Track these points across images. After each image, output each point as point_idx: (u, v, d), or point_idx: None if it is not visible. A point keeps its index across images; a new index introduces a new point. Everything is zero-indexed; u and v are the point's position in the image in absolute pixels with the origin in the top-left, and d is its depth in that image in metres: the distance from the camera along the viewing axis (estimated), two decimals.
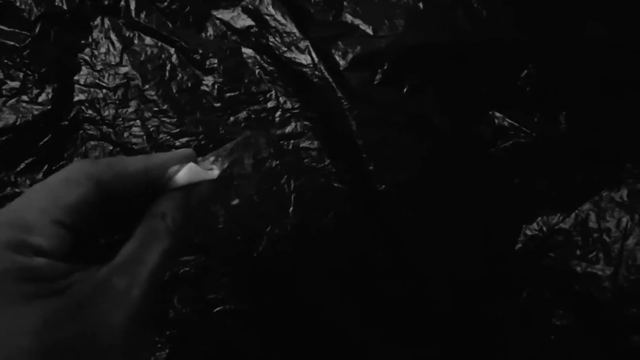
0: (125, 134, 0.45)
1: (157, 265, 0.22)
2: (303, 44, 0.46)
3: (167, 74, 0.46)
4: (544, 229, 0.42)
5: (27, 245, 0.19)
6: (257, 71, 0.46)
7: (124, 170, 0.23)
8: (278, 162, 0.44)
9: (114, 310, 0.20)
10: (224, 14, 0.48)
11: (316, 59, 0.45)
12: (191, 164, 0.25)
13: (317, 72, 0.45)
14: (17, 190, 0.44)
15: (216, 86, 0.46)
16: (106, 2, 0.49)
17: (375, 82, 0.45)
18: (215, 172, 0.26)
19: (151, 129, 0.45)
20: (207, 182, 0.26)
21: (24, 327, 0.17)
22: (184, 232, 0.24)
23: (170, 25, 0.48)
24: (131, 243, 0.22)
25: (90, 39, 0.48)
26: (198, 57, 0.47)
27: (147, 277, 0.21)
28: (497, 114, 0.44)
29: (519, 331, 0.41)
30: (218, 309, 0.42)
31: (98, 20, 0.48)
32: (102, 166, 0.22)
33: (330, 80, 0.44)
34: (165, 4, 0.49)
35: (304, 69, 0.46)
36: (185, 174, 0.24)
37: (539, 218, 0.43)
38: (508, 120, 0.44)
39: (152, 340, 0.29)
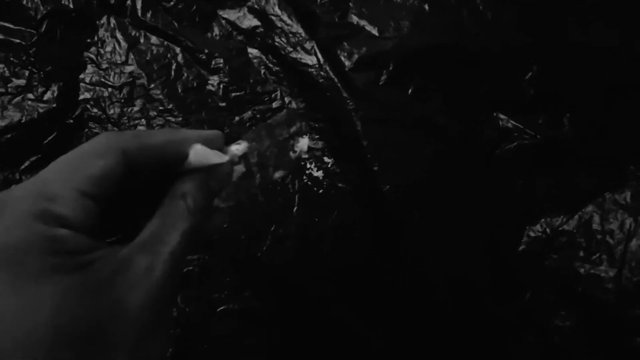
0: None
1: (178, 245, 0.21)
2: (309, 45, 0.46)
3: (173, 73, 0.46)
4: (548, 230, 0.43)
5: (52, 214, 0.18)
6: (262, 71, 0.46)
7: (148, 142, 0.22)
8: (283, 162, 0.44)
9: (133, 291, 0.19)
10: (230, 14, 0.48)
11: (322, 60, 0.45)
12: (197, 146, 0.24)
13: (322, 73, 0.45)
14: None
15: (222, 86, 0.46)
16: (112, 1, 0.49)
17: (381, 83, 0.45)
18: (224, 157, 0.25)
19: (156, 128, 0.45)
20: (229, 164, 0.25)
21: (44, 301, 0.17)
22: (205, 213, 0.23)
23: (176, 25, 0.48)
24: (153, 223, 0.21)
25: (96, 38, 0.48)
26: (204, 57, 0.47)
27: (168, 258, 0.20)
28: (502, 116, 0.44)
29: (522, 333, 0.41)
30: (221, 308, 0.42)
31: (104, 19, 0.48)
32: (128, 136, 0.22)
33: (336, 80, 0.44)
34: (172, 3, 0.49)
35: (310, 70, 0.46)
36: (192, 155, 0.24)
37: (542, 220, 0.43)
38: (512, 122, 0.44)
39: (168, 334, 0.28)
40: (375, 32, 0.46)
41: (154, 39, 0.47)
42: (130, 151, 0.21)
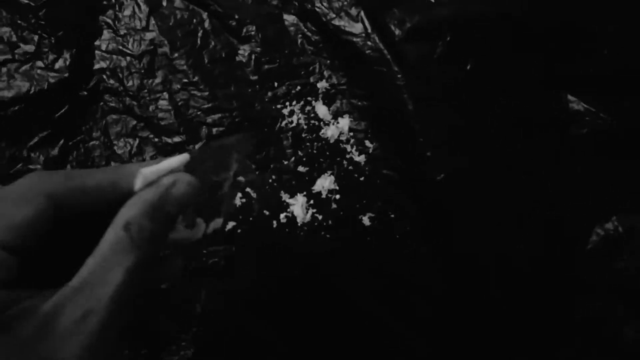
0: (151, 108, 0.41)
1: (122, 286, 0.19)
2: (354, 11, 0.41)
3: (199, 41, 0.41)
4: (620, 228, 0.38)
5: None
6: (299, 40, 0.41)
7: (82, 185, 0.20)
8: (319, 144, 0.39)
9: (64, 347, 0.17)
10: None
11: (369, 28, 0.40)
12: (144, 170, 0.21)
13: (369, 43, 0.40)
14: (30, 167, 0.39)
15: (253, 57, 0.41)
16: None
17: (435, 57, 0.39)
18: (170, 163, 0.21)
19: (180, 103, 0.40)
20: (187, 179, 0.22)
21: None
22: (159, 242, 0.20)
23: None
24: (91, 261, 0.19)
25: (113, 0, 0.42)
26: (234, 24, 0.42)
27: (109, 301, 0.18)
28: (571, 97, 0.39)
29: (586, 340, 0.37)
30: (246, 301, 0.37)
31: None
32: (58, 179, 0.20)
33: (385, 52, 0.39)
34: None
35: (355, 39, 0.40)
36: (139, 183, 0.21)
37: (615, 216, 0.38)
38: (583, 104, 0.38)
39: (125, 354, 0.23)
40: None
41: (177, 2, 0.42)
42: (60, 196, 0.20)
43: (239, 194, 0.39)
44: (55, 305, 0.18)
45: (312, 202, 0.39)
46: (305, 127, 0.40)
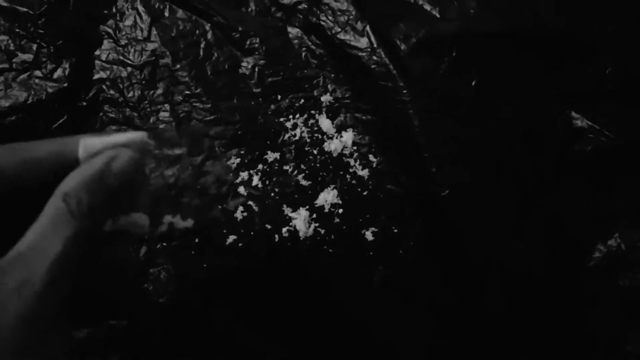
0: (152, 119, 0.40)
1: (61, 255, 0.19)
2: (360, 25, 0.40)
3: (202, 52, 0.41)
4: (623, 246, 0.38)
5: None
6: (303, 54, 0.41)
7: (24, 157, 0.21)
8: (322, 158, 0.39)
9: (2, 314, 0.18)
10: None
11: (375, 43, 0.39)
12: (87, 139, 0.21)
13: (375, 58, 0.40)
14: None
15: (256, 69, 0.41)
16: None
17: (441, 72, 0.39)
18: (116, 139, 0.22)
19: (181, 115, 0.40)
20: (128, 154, 0.22)
21: None
22: (98, 214, 0.21)
23: None
24: (30, 232, 0.19)
25: (114, 9, 0.42)
26: (237, 35, 0.41)
27: (45, 271, 0.19)
28: (575, 114, 0.39)
29: (588, 352, 0.37)
30: (250, 317, 0.37)
31: None
32: (4, 150, 0.21)
33: (391, 67, 0.38)
34: None
35: (360, 54, 0.40)
36: (82, 151, 0.21)
37: (617, 234, 0.38)
38: (587, 121, 0.38)
39: (68, 334, 0.24)
40: (436, 12, 0.40)
41: (180, 13, 0.41)
42: (3, 168, 0.20)
43: (241, 207, 0.39)
44: None
45: (314, 216, 0.38)
46: (308, 140, 0.40)
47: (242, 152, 0.40)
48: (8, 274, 0.18)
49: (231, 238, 0.38)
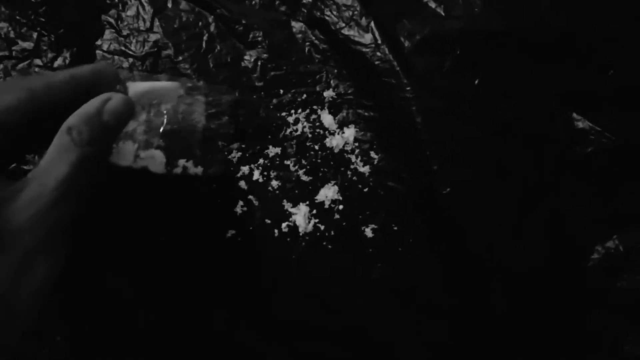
0: None
1: (67, 176, 0.24)
2: (365, 21, 0.40)
3: (204, 45, 0.40)
4: (621, 247, 0.38)
5: None
6: (307, 48, 0.40)
7: (52, 79, 0.26)
8: (323, 153, 0.39)
9: (20, 214, 0.22)
10: None
11: (379, 39, 0.39)
12: (136, 84, 0.28)
13: (379, 54, 0.40)
14: (24, 167, 0.38)
15: (259, 63, 0.40)
16: None
17: (444, 70, 0.39)
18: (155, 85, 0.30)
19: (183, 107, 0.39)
20: (121, 97, 0.27)
21: None
22: (97, 144, 0.25)
23: None
24: (44, 157, 0.24)
25: None
26: (240, 28, 0.41)
27: (54, 187, 0.23)
28: (576, 116, 0.39)
29: (586, 354, 0.37)
30: (247, 315, 0.37)
31: None
32: (33, 76, 0.26)
33: (395, 64, 0.38)
34: None
35: (364, 49, 0.40)
36: (132, 92, 0.28)
37: (616, 235, 0.38)
38: (589, 123, 0.38)
39: (56, 259, 0.26)
40: (440, 10, 0.40)
41: (183, 5, 0.41)
42: (36, 88, 0.25)
43: (240, 202, 0.38)
44: (19, 185, 0.23)
45: (314, 211, 0.38)
46: (310, 135, 0.39)
47: (243, 146, 0.39)
48: (28, 186, 0.23)
49: (230, 233, 0.38)
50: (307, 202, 0.38)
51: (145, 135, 0.33)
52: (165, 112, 0.34)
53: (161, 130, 0.34)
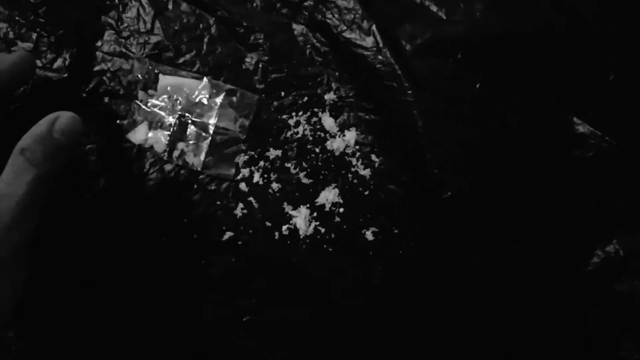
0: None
1: (25, 196, 0.25)
2: (366, 24, 0.40)
3: (205, 47, 0.40)
4: (621, 252, 0.38)
5: None
6: (308, 51, 0.40)
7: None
8: (324, 156, 0.39)
9: None
10: None
11: (381, 42, 0.39)
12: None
13: (380, 57, 0.40)
14: None
15: (260, 65, 0.40)
16: None
17: (446, 73, 0.39)
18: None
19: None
20: (69, 115, 0.29)
21: None
22: (51, 162, 0.27)
23: None
24: (2, 176, 0.25)
25: (117, 0, 0.41)
26: (241, 30, 0.41)
27: (14, 207, 0.25)
28: (577, 120, 0.39)
29: (584, 358, 0.37)
30: (247, 317, 0.37)
31: None
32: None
33: (397, 67, 0.38)
34: None
35: (365, 53, 0.40)
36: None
37: (616, 240, 0.38)
38: (589, 127, 0.39)
39: (26, 268, 0.28)
40: (442, 14, 0.40)
41: (184, 6, 0.41)
42: None
43: (241, 204, 0.38)
44: None
45: (315, 214, 0.38)
46: (310, 138, 0.39)
47: (243, 148, 0.39)
48: None
49: (228, 235, 0.38)
50: (308, 205, 0.38)
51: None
52: (184, 104, 0.38)
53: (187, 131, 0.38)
